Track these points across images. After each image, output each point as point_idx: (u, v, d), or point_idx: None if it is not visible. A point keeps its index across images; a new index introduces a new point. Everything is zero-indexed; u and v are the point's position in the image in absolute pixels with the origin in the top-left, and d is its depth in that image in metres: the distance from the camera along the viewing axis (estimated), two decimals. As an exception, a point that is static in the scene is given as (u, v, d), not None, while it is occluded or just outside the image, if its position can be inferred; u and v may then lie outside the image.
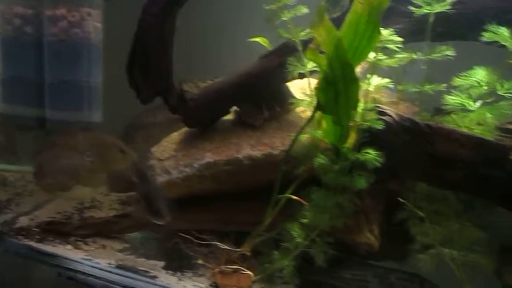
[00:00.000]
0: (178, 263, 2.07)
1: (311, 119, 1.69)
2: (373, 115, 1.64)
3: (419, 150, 1.62)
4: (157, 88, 1.90)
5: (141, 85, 1.85)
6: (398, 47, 1.74)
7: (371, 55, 1.67)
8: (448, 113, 1.75)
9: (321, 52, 1.51)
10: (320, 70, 1.55)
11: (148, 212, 1.88)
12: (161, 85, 1.90)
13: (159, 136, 2.23)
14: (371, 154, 1.63)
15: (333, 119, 1.61)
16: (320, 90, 1.57)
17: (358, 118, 1.66)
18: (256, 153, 1.98)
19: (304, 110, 2.11)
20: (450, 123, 1.74)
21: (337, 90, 1.53)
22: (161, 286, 1.90)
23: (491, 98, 1.69)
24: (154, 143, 2.22)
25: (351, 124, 1.64)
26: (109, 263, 2.01)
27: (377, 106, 1.65)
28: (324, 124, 1.67)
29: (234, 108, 2.14)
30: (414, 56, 1.79)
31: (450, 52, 1.74)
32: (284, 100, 2.05)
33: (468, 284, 1.81)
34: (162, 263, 2.06)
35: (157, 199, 1.88)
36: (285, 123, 2.07)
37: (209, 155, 2.01)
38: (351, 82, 1.49)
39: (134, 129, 2.68)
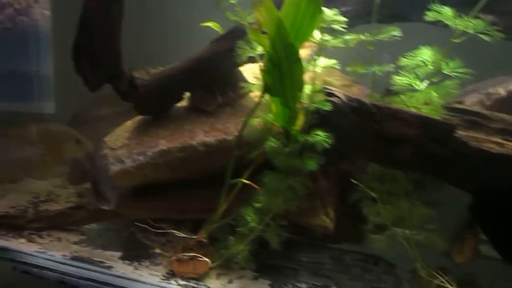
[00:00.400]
0: (135, 253, 2.05)
1: (259, 102, 1.68)
2: (321, 97, 1.64)
3: (367, 130, 1.63)
4: (105, 74, 1.86)
5: (88, 72, 1.81)
6: (345, 28, 1.74)
7: (317, 36, 1.66)
8: (397, 93, 1.77)
9: (263, 33, 1.51)
10: (265, 52, 1.55)
11: (95, 197, 1.85)
12: (110, 71, 1.86)
13: (105, 130, 2.18)
14: (320, 136, 1.64)
15: (281, 101, 1.60)
16: (266, 72, 1.56)
17: (306, 100, 1.66)
18: (210, 139, 1.96)
19: (258, 95, 2.11)
20: (399, 103, 1.76)
21: (282, 71, 1.52)
22: (116, 276, 1.88)
23: (437, 77, 1.71)
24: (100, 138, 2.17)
25: (299, 106, 1.64)
26: (63, 255, 1.97)
27: (325, 88, 1.65)
28: (273, 106, 1.66)
29: (188, 94, 2.11)
30: (362, 37, 1.80)
31: (396, 33, 1.76)
32: (237, 85, 2.04)
33: (421, 261, 1.85)
34: (119, 254, 2.04)
35: (103, 185, 1.86)
36: (239, 108, 2.06)
37: (162, 143, 1.98)
38: (295, 63, 1.49)
39: (78, 124, 2.60)
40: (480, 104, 1.93)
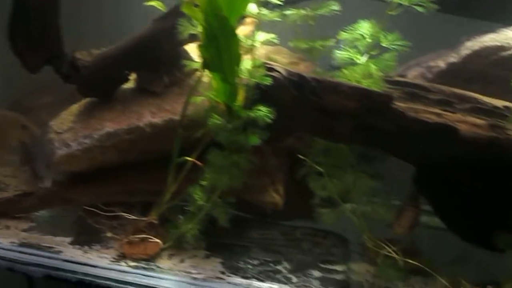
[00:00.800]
0: (86, 238, 2.02)
1: (200, 79, 1.67)
2: (261, 72, 1.64)
3: (308, 104, 1.65)
4: (44, 55, 1.82)
5: (26, 52, 1.76)
6: (288, 4, 1.75)
7: (254, 10, 1.66)
8: (339, 68, 1.79)
9: (196, 6, 1.49)
10: (201, 27, 1.54)
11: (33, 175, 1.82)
12: (49, 51, 1.82)
13: (45, 119, 2.13)
14: (262, 111, 1.65)
15: (220, 77, 1.60)
16: (203, 46, 1.55)
17: (247, 75, 1.67)
18: (157, 120, 1.94)
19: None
20: (342, 78, 1.78)
21: (218, 45, 1.52)
22: (65, 260, 1.86)
23: (376, 51, 1.74)
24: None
25: (239, 81, 1.64)
26: (12, 243, 1.93)
27: (265, 63, 1.66)
28: (214, 83, 1.66)
29: (135, 76, 2.09)
30: (303, 12, 1.81)
31: (336, 7, 1.77)
32: (184, 64, 2.02)
33: (368, 233, 1.89)
34: (69, 239, 2.01)
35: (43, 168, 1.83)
36: (186, 88, 2.03)
37: (109, 125, 1.95)
38: (230, 36, 1.48)
39: (17, 111, 2.50)
40: (421, 77, 1.98)
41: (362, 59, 1.74)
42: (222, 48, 1.52)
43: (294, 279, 1.81)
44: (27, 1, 1.71)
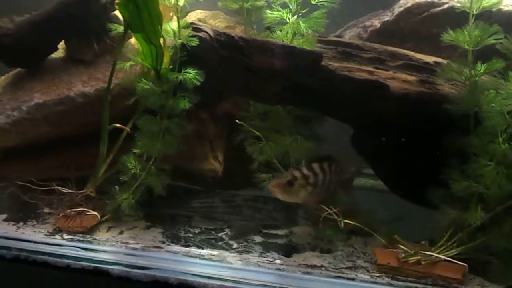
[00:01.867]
0: (22, 214, 1.96)
1: (122, 41, 1.61)
2: (188, 33, 1.59)
3: (237, 64, 1.61)
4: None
5: None
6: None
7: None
8: (269, 28, 1.75)
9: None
10: (117, -16, 1.48)
11: None
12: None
13: None
14: (190, 73, 1.60)
15: (144, 38, 1.54)
16: (122, 5, 1.49)
17: (173, 37, 1.61)
18: (88, 89, 1.88)
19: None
20: (275, 38, 1.75)
21: (137, 3, 1.46)
22: (-2, 237, 1.80)
23: (306, 9, 1.71)
24: None
25: (164, 42, 1.59)
26: None
27: (192, 23, 1.61)
28: (139, 46, 1.60)
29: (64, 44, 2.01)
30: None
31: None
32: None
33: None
34: (3, 216, 1.94)
35: None
36: (119, 55, 1.97)
37: (37, 96, 1.88)
38: (148, -7, 1.43)
39: None
40: (358, 37, 1.96)
41: (292, 19, 1.70)
42: (141, 7, 1.46)
43: (235, 245, 1.79)
44: None
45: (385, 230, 1.76)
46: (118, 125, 1.73)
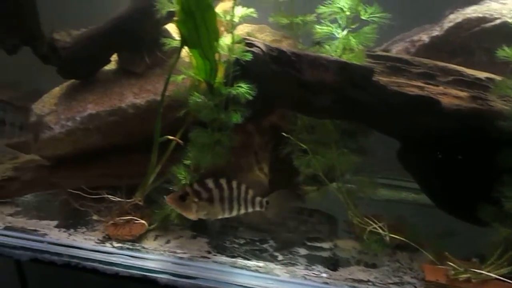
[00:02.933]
0: (72, 221, 2.02)
1: (178, 55, 1.65)
2: (241, 48, 1.62)
3: (288, 79, 1.64)
4: (21, 36, 1.80)
5: (2, 33, 1.74)
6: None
7: (231, -15, 1.64)
8: (319, 43, 1.77)
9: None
10: (178, 1, 1.51)
11: None
12: (26, 33, 1.80)
13: None
14: (243, 88, 1.63)
15: (199, 53, 1.58)
16: (180, 22, 1.53)
17: (227, 52, 1.65)
18: (139, 100, 1.93)
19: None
20: (324, 52, 1.76)
21: (195, 20, 1.50)
22: (50, 242, 1.86)
23: (356, 24, 1.72)
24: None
25: (218, 57, 1.62)
26: (-4, 227, 1.94)
27: (245, 38, 1.64)
28: (193, 60, 1.64)
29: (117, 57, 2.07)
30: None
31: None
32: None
33: (354, 209, 1.89)
34: (55, 222, 2.01)
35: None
36: (168, 68, 2.02)
37: (91, 107, 1.94)
38: (207, 10, 1.47)
39: None
40: (405, 52, 1.96)
41: (342, 33, 1.72)
42: (199, 23, 1.50)
43: (280, 257, 1.80)
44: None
45: (433, 246, 1.75)
46: (171, 137, 1.77)
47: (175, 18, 1.56)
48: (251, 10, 1.68)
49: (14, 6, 1.72)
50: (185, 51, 1.70)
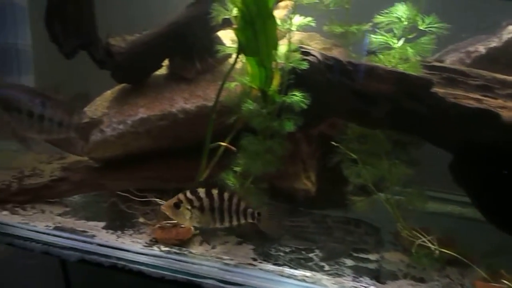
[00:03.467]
0: (119, 223, 2.05)
1: (234, 63, 1.66)
2: (297, 56, 1.62)
3: (343, 88, 1.62)
4: (79, 41, 1.84)
5: (62, 38, 1.79)
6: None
7: (291, -6, 1.65)
8: (373, 53, 1.75)
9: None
10: (237, 9, 1.52)
11: None
12: (84, 37, 1.84)
13: None
14: (297, 96, 1.63)
15: (256, 61, 1.59)
16: (239, 30, 1.54)
17: (282, 60, 1.65)
18: (190, 106, 1.95)
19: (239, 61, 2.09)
20: (377, 62, 1.74)
21: (255, 28, 1.50)
22: (99, 244, 1.88)
23: (413, 34, 1.70)
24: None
25: (275, 65, 1.62)
26: (47, 226, 1.97)
27: (300, 47, 1.63)
28: (249, 67, 1.65)
29: (167, 62, 2.10)
30: (337, -5, 1.78)
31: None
32: (216, 51, 2.02)
33: (402, 221, 1.86)
34: (102, 224, 2.04)
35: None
36: (219, 74, 2.04)
37: (142, 111, 1.97)
38: (267, 19, 1.47)
39: None
40: (460, 63, 1.92)
41: (399, 43, 1.70)
42: (259, 32, 1.51)
43: (327, 267, 1.78)
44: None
45: (485, 262, 1.71)
46: (223, 143, 1.78)
47: (233, 26, 1.57)
48: (309, 19, 1.68)
49: (74, 11, 1.76)
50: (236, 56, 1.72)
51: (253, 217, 1.70)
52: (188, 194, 1.69)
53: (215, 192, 1.68)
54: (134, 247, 1.87)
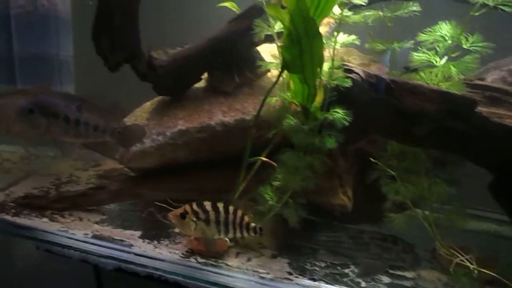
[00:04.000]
0: (155, 232, 2.08)
1: (277, 79, 1.68)
2: (340, 74, 1.63)
3: (386, 106, 1.62)
4: (124, 55, 1.88)
5: (107, 52, 1.83)
6: (363, 3, 1.72)
7: (337, 11, 1.65)
8: (415, 70, 1.75)
9: (283, 8, 1.50)
10: (284, 27, 1.54)
11: None
12: (128, 52, 1.88)
13: None
14: (339, 113, 1.64)
15: (300, 78, 1.60)
16: (285, 48, 1.56)
17: (325, 77, 1.66)
18: (228, 119, 1.97)
19: (276, 75, 2.11)
20: (418, 80, 1.74)
21: (301, 47, 1.52)
22: (136, 254, 1.91)
23: (456, 53, 1.69)
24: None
25: (318, 83, 1.64)
26: (85, 234, 2.01)
27: (343, 64, 1.64)
28: (291, 84, 1.66)
29: (206, 75, 2.13)
30: (381, 14, 1.78)
31: (416, 8, 1.74)
32: (255, 65, 2.03)
33: (440, 239, 1.84)
34: (139, 233, 2.07)
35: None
36: (257, 88, 2.06)
37: (181, 123, 2.00)
38: (315, 38, 1.48)
39: None
40: (501, 81, 1.90)
41: (441, 61, 1.69)
42: (305, 50, 1.52)
43: (363, 284, 1.78)
44: (111, 4, 1.78)
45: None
46: (264, 158, 1.79)
47: (276, 42, 1.59)
48: (353, 37, 1.69)
49: (121, 25, 1.80)
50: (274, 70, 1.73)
51: (255, 232, 1.78)
52: (195, 206, 1.77)
53: (220, 205, 1.76)
54: (171, 258, 1.90)
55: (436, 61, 1.71)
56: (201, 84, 2.15)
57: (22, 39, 2.42)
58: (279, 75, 1.68)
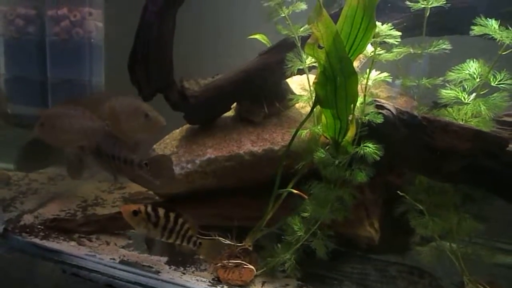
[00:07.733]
0: (181, 258, 2.09)
1: (310, 113, 1.71)
2: (371, 109, 1.66)
3: (417, 143, 1.65)
4: (158, 84, 1.93)
5: (142, 81, 1.88)
6: (396, 42, 1.75)
7: (369, 50, 1.69)
8: (444, 106, 1.77)
9: (320, 47, 1.54)
10: (319, 65, 1.58)
11: None
12: (162, 82, 1.93)
13: None
14: (370, 148, 1.66)
15: (332, 113, 1.63)
16: (319, 84, 1.59)
17: (357, 112, 1.69)
18: (257, 148, 2.00)
19: (304, 106, 2.15)
20: (446, 116, 1.76)
21: (336, 84, 1.55)
22: (164, 281, 1.92)
23: (484, 90, 1.71)
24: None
25: (351, 118, 1.66)
26: (112, 259, 2.04)
27: (375, 100, 1.67)
28: (323, 118, 1.69)
29: (235, 105, 2.17)
30: (411, 51, 1.81)
31: (446, 46, 1.77)
32: (284, 96, 2.08)
33: (468, 275, 1.84)
34: (165, 259, 2.09)
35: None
36: (285, 119, 2.10)
37: (210, 151, 2.03)
38: (350, 76, 1.51)
39: None
40: (529, 118, 1.91)
41: (469, 99, 1.71)
42: (339, 87, 1.55)
43: (389, 317, 1.79)
44: (147, 37, 1.83)
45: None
46: (295, 191, 1.82)
47: (309, 76, 1.62)
48: (385, 74, 1.73)
49: (156, 56, 1.85)
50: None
51: (194, 244, 1.90)
52: (149, 208, 1.87)
53: (172, 215, 1.86)
54: (199, 286, 1.90)
55: (465, 98, 1.73)
56: (229, 113, 2.19)
57: (56, 65, 2.50)
58: (311, 110, 1.71)
